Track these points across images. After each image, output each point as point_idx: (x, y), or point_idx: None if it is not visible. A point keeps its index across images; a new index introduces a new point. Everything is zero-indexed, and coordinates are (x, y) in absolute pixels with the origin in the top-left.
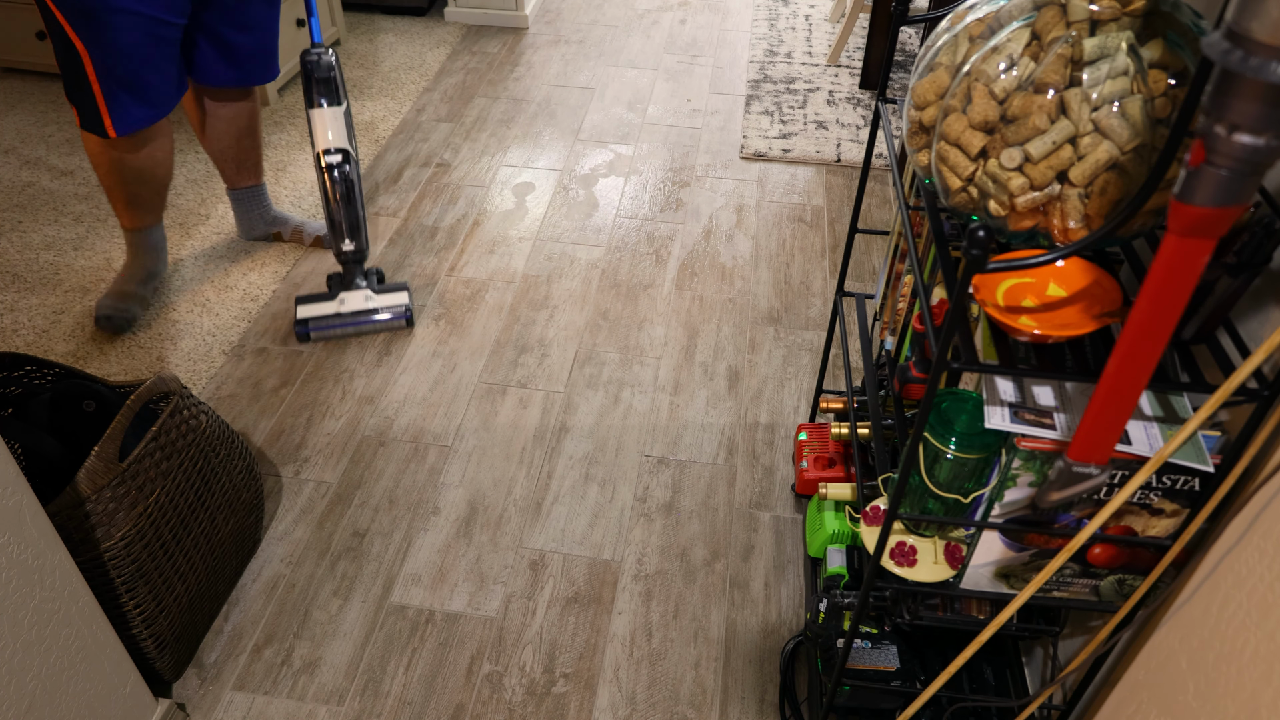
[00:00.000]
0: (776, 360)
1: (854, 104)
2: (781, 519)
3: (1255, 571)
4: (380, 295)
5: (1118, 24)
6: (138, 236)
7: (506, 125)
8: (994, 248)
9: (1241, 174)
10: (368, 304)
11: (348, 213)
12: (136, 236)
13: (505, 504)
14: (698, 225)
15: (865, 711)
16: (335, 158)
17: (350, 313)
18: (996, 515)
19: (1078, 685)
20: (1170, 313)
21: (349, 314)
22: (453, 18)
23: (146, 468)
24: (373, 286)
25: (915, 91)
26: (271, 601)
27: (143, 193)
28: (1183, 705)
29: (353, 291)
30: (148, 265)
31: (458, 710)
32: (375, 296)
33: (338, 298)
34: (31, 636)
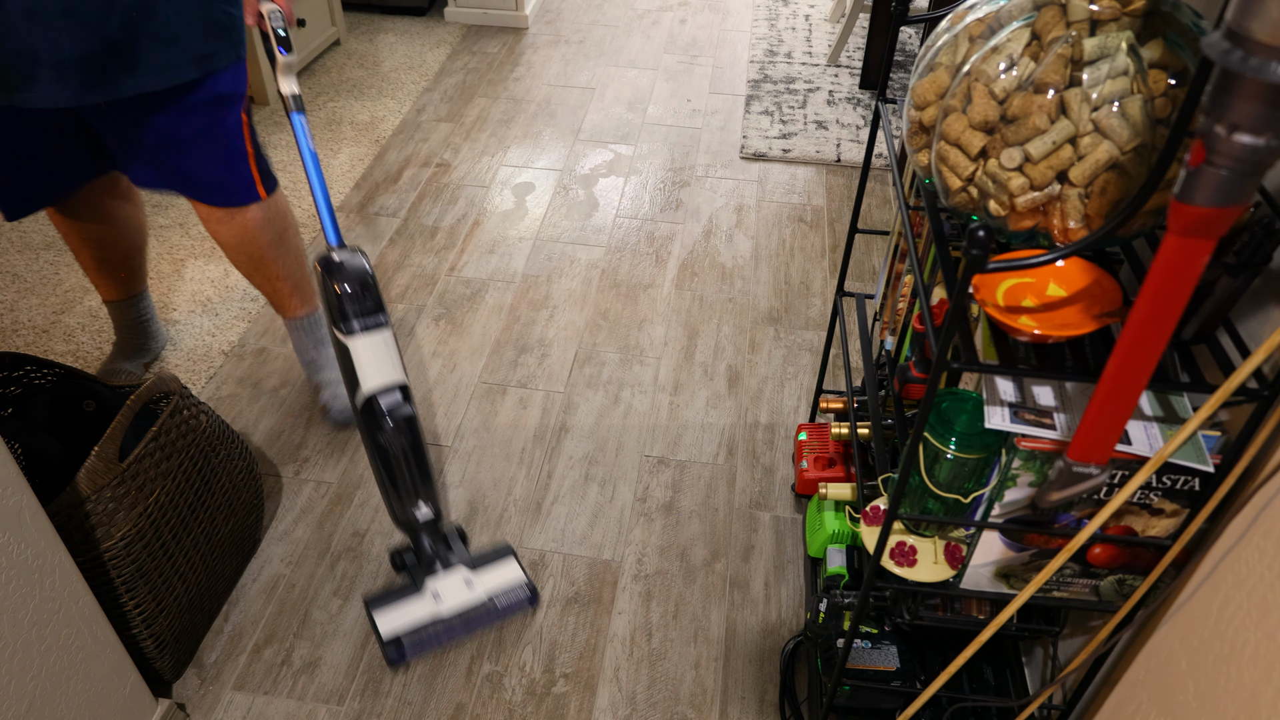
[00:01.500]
0: (776, 360)
1: (854, 104)
2: (781, 519)
3: (1255, 571)
4: (482, 571)
5: (1118, 24)
6: (117, 309)
7: (506, 125)
8: (994, 248)
9: (1241, 174)
10: (473, 591)
11: (421, 465)
12: (116, 309)
13: (505, 504)
14: (698, 225)
15: (865, 711)
16: (395, 397)
17: (455, 613)
18: (996, 515)
19: (1078, 685)
20: (1170, 313)
21: (454, 616)
22: (453, 18)
23: (146, 468)
24: (466, 559)
25: (915, 91)
26: (271, 601)
27: (108, 256)
28: (1183, 705)
29: (446, 576)
30: (133, 340)
31: (458, 710)
32: (477, 575)
33: (428, 590)
34: (31, 636)
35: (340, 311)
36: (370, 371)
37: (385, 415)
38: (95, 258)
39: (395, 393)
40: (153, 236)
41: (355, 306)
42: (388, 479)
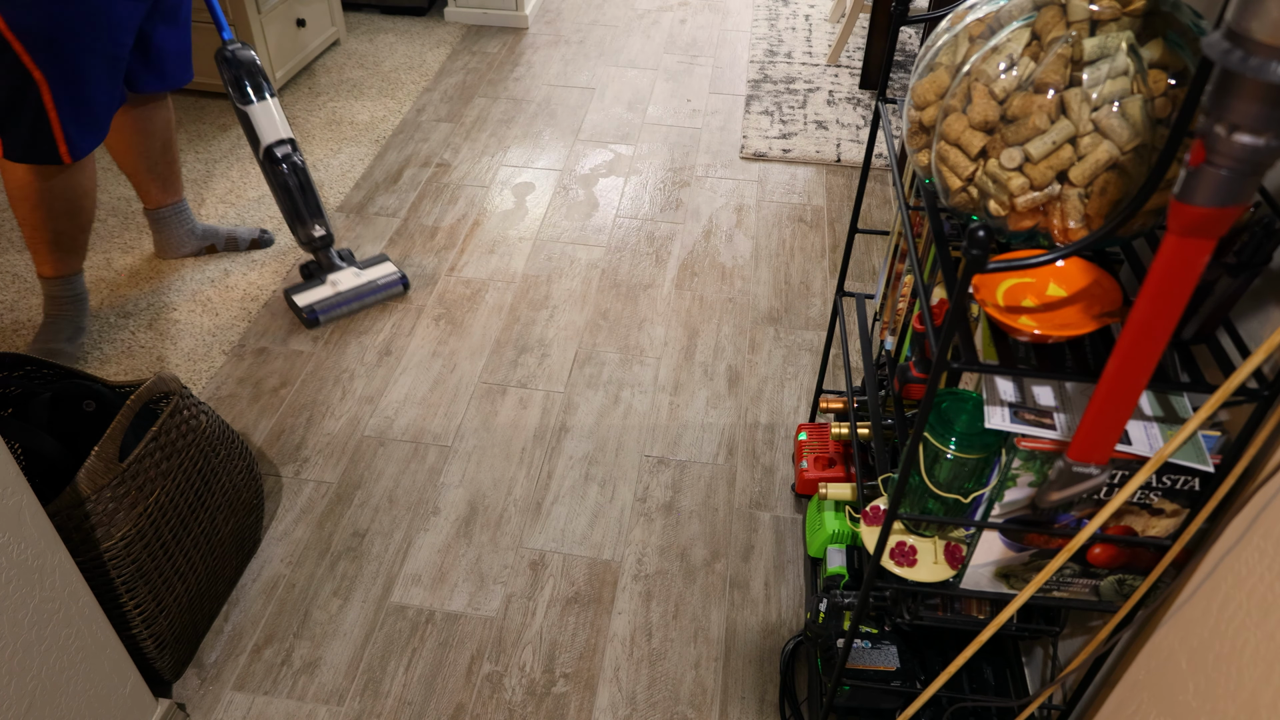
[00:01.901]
0: (776, 360)
1: (854, 104)
2: (781, 519)
3: (1255, 571)
4: (367, 269)
5: (1118, 24)
6: (59, 286)
7: (506, 125)
8: (994, 248)
9: (1241, 174)
10: (360, 279)
11: (311, 199)
12: (57, 286)
13: (505, 504)
14: (698, 225)
15: (865, 711)
16: (286, 148)
17: (350, 289)
18: (996, 515)
19: (1078, 685)
20: (1170, 313)
21: (349, 291)
22: (453, 18)
23: (146, 468)
24: (355, 264)
25: (915, 91)
26: (271, 601)
27: (69, 229)
28: (1183, 705)
29: (339, 272)
30: (73, 319)
31: (458, 710)
32: (363, 271)
33: (328, 280)
34: (31, 636)
35: (241, 88)
36: (267, 129)
37: (281, 160)
38: (54, 230)
39: (286, 145)
40: (152, 238)
41: (251, 83)
42: (291, 208)
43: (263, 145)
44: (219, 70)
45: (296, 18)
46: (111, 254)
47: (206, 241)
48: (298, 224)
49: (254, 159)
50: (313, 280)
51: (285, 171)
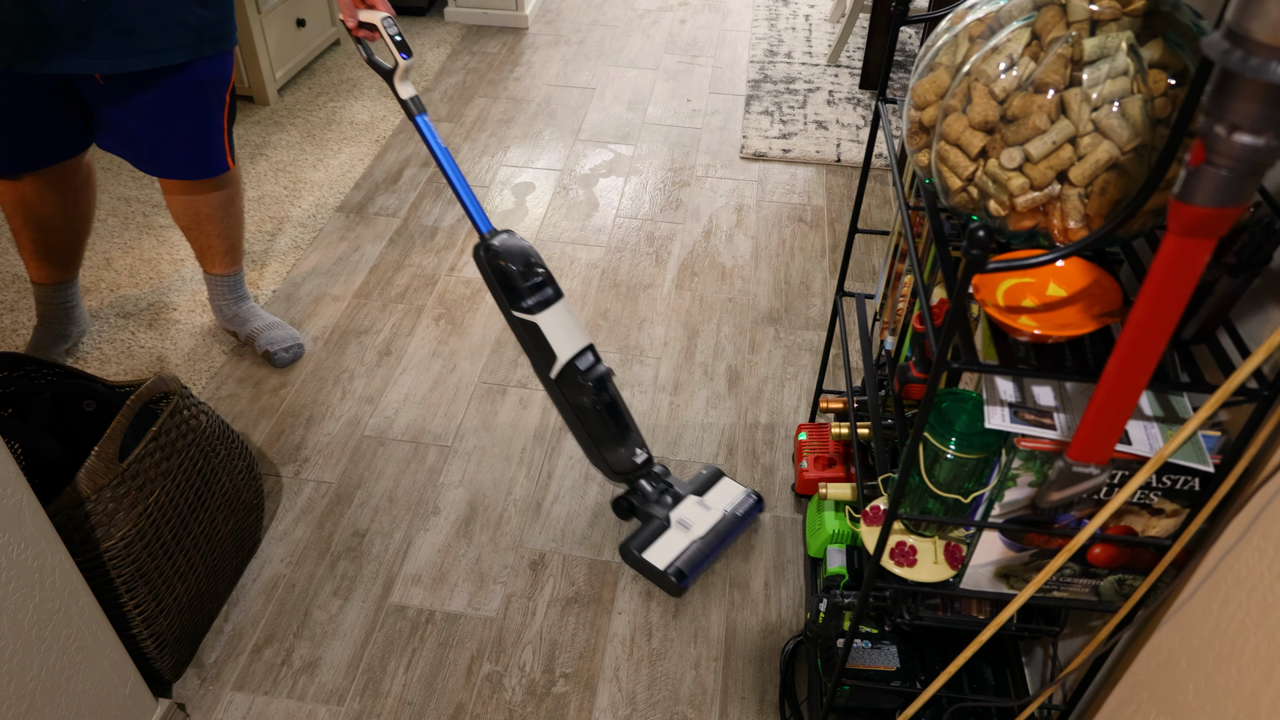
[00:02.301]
0: (776, 360)
1: (854, 104)
2: (781, 519)
3: (1255, 571)
4: (708, 494)
5: (1118, 24)
6: (43, 293)
7: (506, 125)
8: (994, 248)
9: (1241, 174)
10: (713, 512)
11: (624, 416)
12: (42, 292)
13: (505, 504)
14: (698, 225)
15: (865, 711)
16: (589, 357)
17: (709, 530)
18: (996, 515)
19: (1078, 685)
20: (1170, 313)
21: (710, 533)
22: (453, 18)
23: (146, 468)
24: (690, 489)
25: (915, 91)
26: (271, 601)
27: (44, 240)
28: (1183, 705)
29: (680, 507)
30: (56, 328)
31: (458, 710)
32: (707, 498)
33: (673, 522)
34: (31, 636)
35: (518, 292)
36: (562, 341)
37: (586, 377)
38: (31, 239)
39: (588, 354)
40: (152, 236)
41: (532, 284)
42: (600, 434)
43: (559, 363)
44: (479, 269)
45: (296, 18)
46: (111, 254)
47: (231, 325)
48: (606, 450)
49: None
50: (650, 522)
51: (590, 389)
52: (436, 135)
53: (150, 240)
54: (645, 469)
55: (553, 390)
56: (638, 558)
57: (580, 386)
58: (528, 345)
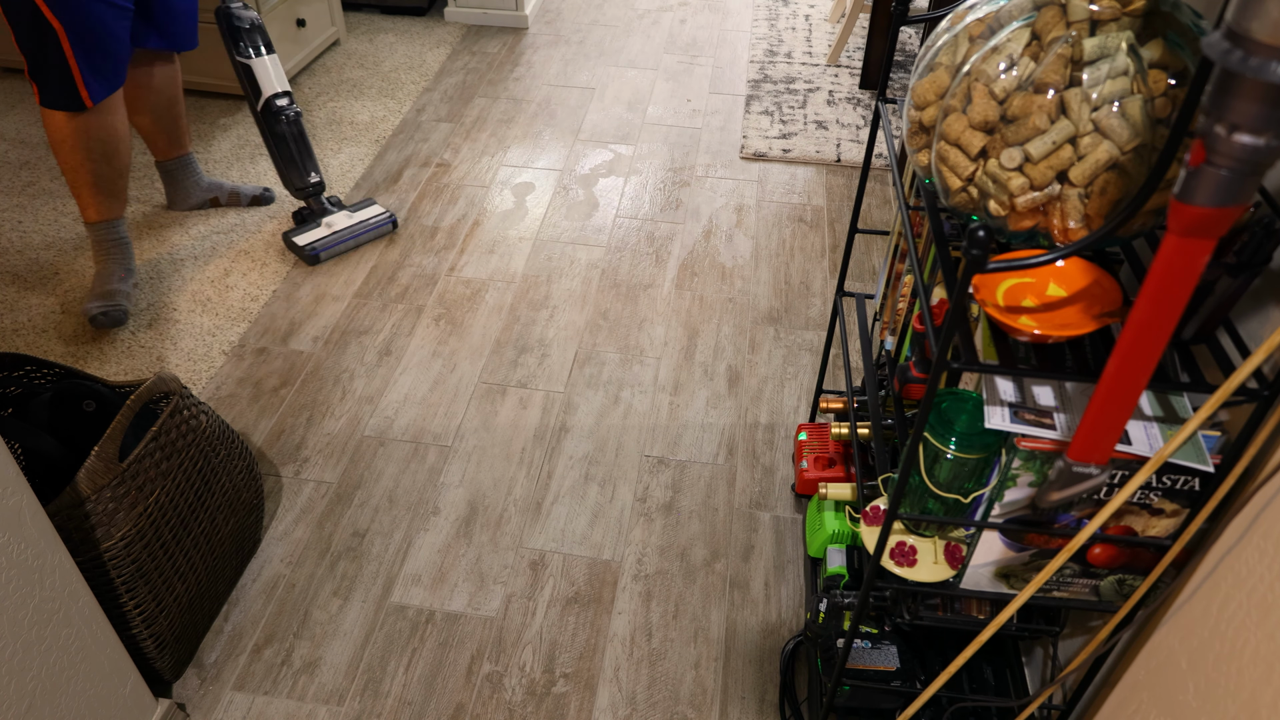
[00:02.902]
0: (776, 360)
1: (854, 104)
2: (781, 519)
3: (1255, 571)
4: (358, 211)
5: (1118, 24)
6: (105, 231)
7: (506, 125)
8: (994, 248)
9: (1241, 174)
10: (353, 219)
11: (305, 147)
12: (103, 231)
13: (505, 504)
14: (698, 225)
15: (865, 711)
16: (285, 100)
17: (345, 228)
18: (996, 515)
19: (1078, 685)
20: (1170, 313)
21: (344, 230)
22: (453, 18)
23: (146, 468)
24: (345, 207)
25: (915, 91)
26: (271, 601)
27: (107, 172)
28: (1183, 705)
29: (333, 215)
30: (122, 261)
31: (458, 710)
32: (355, 213)
33: (323, 223)
34: (31, 636)
35: (242, 43)
36: (267, 82)
37: (281, 111)
38: (94, 172)
39: (285, 97)
40: (152, 237)
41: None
42: (288, 156)
43: (264, 96)
44: (219, 25)
45: (296, 18)
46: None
47: (210, 194)
48: (293, 172)
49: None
50: (308, 224)
51: (285, 122)
52: None
53: (151, 240)
54: (317, 189)
55: (259, 121)
56: (290, 240)
57: (276, 117)
58: (244, 86)
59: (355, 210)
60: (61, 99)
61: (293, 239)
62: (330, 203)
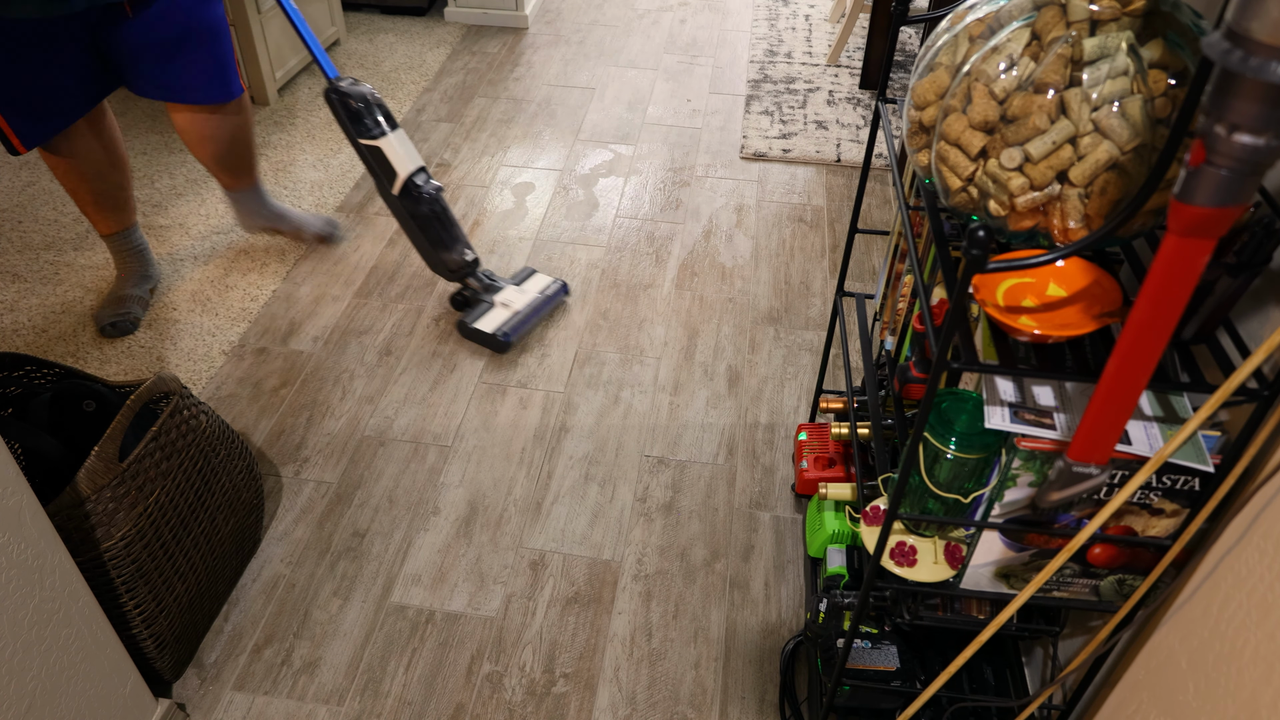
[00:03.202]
0: (776, 360)
1: (854, 104)
2: (781, 519)
3: (1255, 571)
4: (525, 284)
5: (1118, 24)
6: (117, 241)
7: (506, 125)
8: (994, 248)
9: (1241, 174)
10: (528, 294)
11: (451, 223)
12: (116, 241)
13: (505, 504)
14: (698, 225)
15: (865, 711)
16: (423, 175)
17: (526, 306)
18: (996, 515)
19: (1078, 685)
20: (1170, 313)
21: (525, 308)
22: (453, 18)
23: (146, 468)
24: (510, 281)
25: (915, 91)
26: (271, 601)
27: (106, 188)
28: (1183, 705)
29: (502, 292)
30: (136, 268)
31: (458, 710)
32: (523, 286)
33: (497, 302)
34: (31, 636)
35: (364, 123)
36: (402, 160)
37: (422, 190)
38: (93, 191)
39: (423, 173)
40: (152, 238)
41: (378, 115)
42: (436, 238)
43: (400, 178)
44: (331, 109)
45: None
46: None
47: (273, 223)
48: (443, 252)
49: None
50: (480, 305)
51: (426, 200)
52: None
53: (150, 241)
54: (474, 267)
55: (395, 205)
56: (471, 328)
57: (418, 199)
58: (373, 169)
59: (521, 282)
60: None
61: (474, 326)
62: (488, 278)
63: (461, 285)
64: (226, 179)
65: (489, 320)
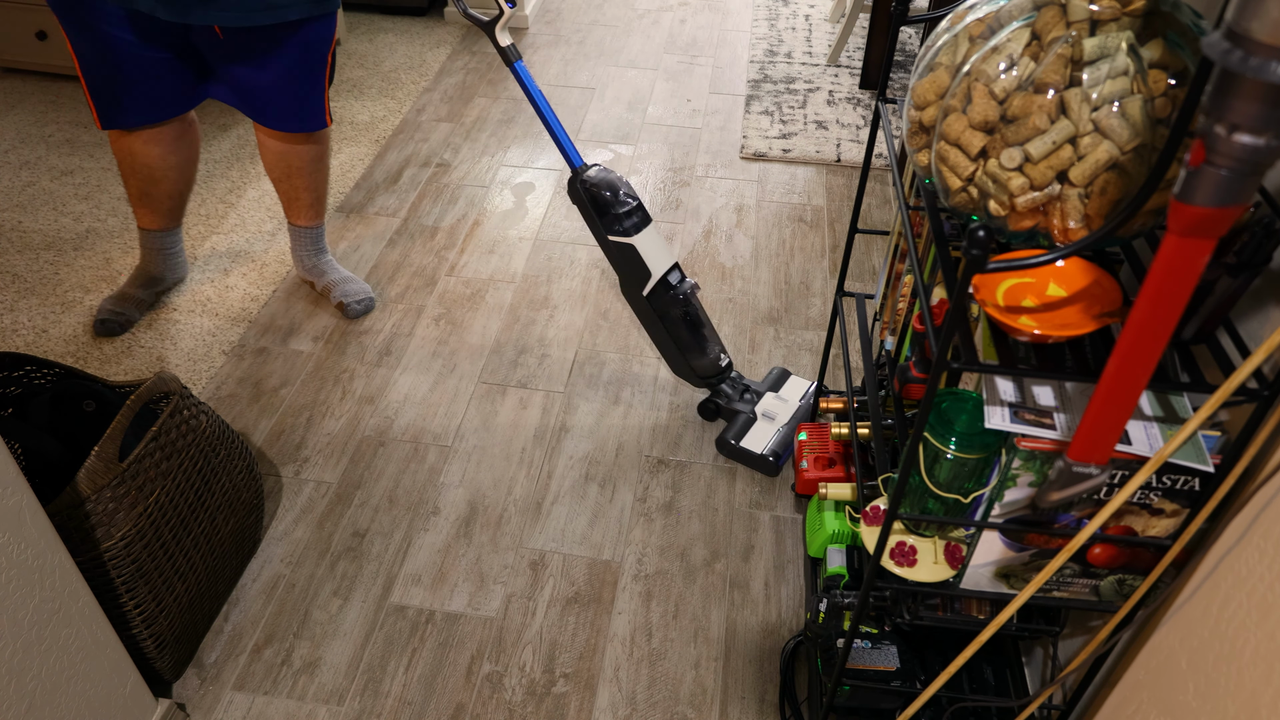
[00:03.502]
0: (776, 360)
1: (854, 104)
2: (781, 519)
3: (1255, 571)
4: (782, 389)
5: (1118, 24)
6: (146, 238)
7: (506, 125)
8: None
9: (1241, 174)
10: (789, 403)
11: (708, 325)
12: (145, 237)
13: (505, 504)
14: (698, 225)
15: (865, 711)
16: (676, 275)
17: (790, 418)
18: (996, 515)
19: (1078, 685)
20: (1170, 313)
21: (789, 420)
22: (453, 18)
23: (146, 468)
24: (765, 387)
25: (915, 91)
26: (271, 601)
27: (154, 192)
28: (1183, 705)
29: (761, 401)
30: (150, 269)
31: (458, 710)
32: (780, 393)
33: (759, 415)
34: (31, 636)
35: (617, 218)
36: (656, 259)
37: (677, 290)
38: (139, 189)
39: (676, 271)
40: None
41: (625, 210)
42: (688, 344)
43: (654, 279)
44: (574, 201)
45: None
46: (111, 254)
47: (309, 275)
48: (694, 358)
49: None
50: (737, 417)
51: (681, 302)
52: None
53: None
54: (728, 373)
55: (642, 306)
56: (736, 446)
57: (671, 300)
58: (621, 266)
59: (777, 388)
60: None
61: (741, 446)
62: (742, 383)
63: (712, 391)
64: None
65: (755, 438)
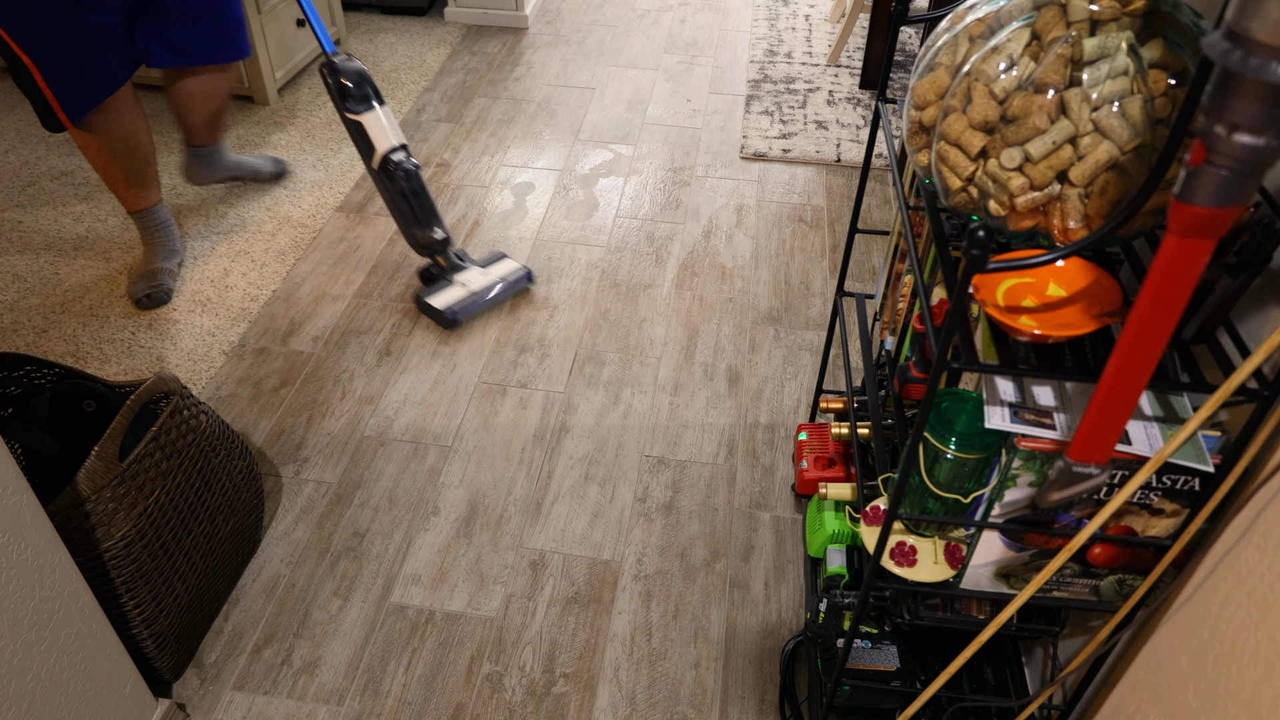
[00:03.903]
0: (776, 360)
1: (854, 104)
2: (781, 519)
3: (1255, 571)
4: (491, 267)
5: (1118, 24)
6: (145, 218)
7: (506, 125)
8: (994, 248)
9: (1241, 174)
10: (489, 276)
11: (427, 202)
12: (144, 218)
13: (505, 504)
14: (698, 225)
15: (865, 711)
16: (402, 154)
17: (482, 287)
18: (996, 515)
19: (1078, 685)
20: (1170, 313)
21: (481, 289)
22: (453, 18)
23: (146, 468)
24: (476, 263)
25: (915, 91)
26: (271, 601)
27: (136, 164)
28: (1183, 705)
29: (465, 272)
30: (165, 243)
31: (458, 710)
32: (488, 270)
33: (456, 281)
34: (31, 636)
35: (351, 97)
36: (381, 137)
37: (400, 167)
38: (124, 168)
39: (401, 150)
40: None
41: (363, 91)
42: (409, 213)
43: (379, 153)
44: (324, 81)
45: (296, 18)
46: (111, 253)
47: (230, 174)
48: (415, 228)
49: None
50: (440, 282)
51: (403, 177)
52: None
53: None
54: (444, 245)
55: (376, 178)
56: (424, 303)
57: (393, 175)
58: (356, 142)
59: (488, 266)
60: (47, 122)
61: (427, 301)
62: (459, 257)
63: (431, 261)
64: (206, 136)
65: (443, 297)
